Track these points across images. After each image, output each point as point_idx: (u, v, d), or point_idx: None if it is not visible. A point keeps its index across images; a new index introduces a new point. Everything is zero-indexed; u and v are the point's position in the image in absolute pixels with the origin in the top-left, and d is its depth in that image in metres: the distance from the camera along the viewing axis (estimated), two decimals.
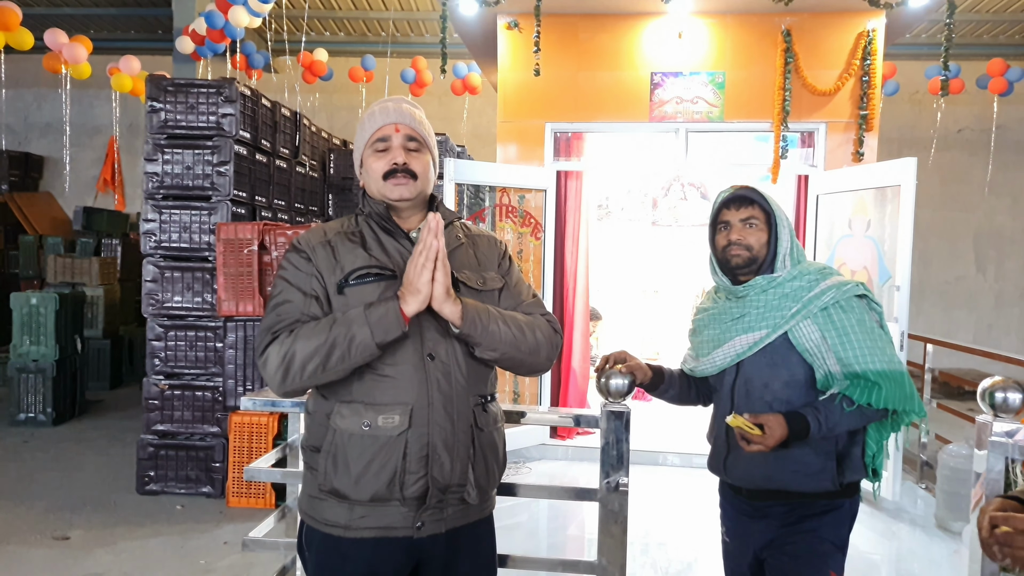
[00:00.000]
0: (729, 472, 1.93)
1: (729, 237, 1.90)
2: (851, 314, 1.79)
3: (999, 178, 9.43)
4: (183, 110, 4.58)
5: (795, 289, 1.83)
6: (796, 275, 1.85)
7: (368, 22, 9.69)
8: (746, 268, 1.89)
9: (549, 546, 4.13)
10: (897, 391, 1.74)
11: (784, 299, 1.83)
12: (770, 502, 1.87)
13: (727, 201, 1.92)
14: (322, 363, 1.50)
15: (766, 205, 1.88)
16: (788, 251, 1.87)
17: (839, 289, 1.80)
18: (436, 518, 1.60)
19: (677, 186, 8.39)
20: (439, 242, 1.49)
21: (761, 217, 1.88)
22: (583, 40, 5.66)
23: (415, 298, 1.50)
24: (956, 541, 4.03)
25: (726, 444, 1.93)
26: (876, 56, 5.42)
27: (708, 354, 1.95)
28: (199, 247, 4.57)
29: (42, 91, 10.65)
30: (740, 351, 1.87)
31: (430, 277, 1.50)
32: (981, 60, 8.31)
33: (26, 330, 6.15)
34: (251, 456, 4.30)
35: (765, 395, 1.84)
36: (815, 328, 1.79)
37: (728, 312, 1.92)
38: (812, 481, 1.81)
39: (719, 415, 1.97)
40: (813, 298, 1.80)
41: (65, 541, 3.89)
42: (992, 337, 9.63)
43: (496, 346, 1.59)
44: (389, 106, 1.70)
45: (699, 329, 2.03)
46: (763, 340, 1.83)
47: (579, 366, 5.77)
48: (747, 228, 1.88)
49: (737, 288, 1.90)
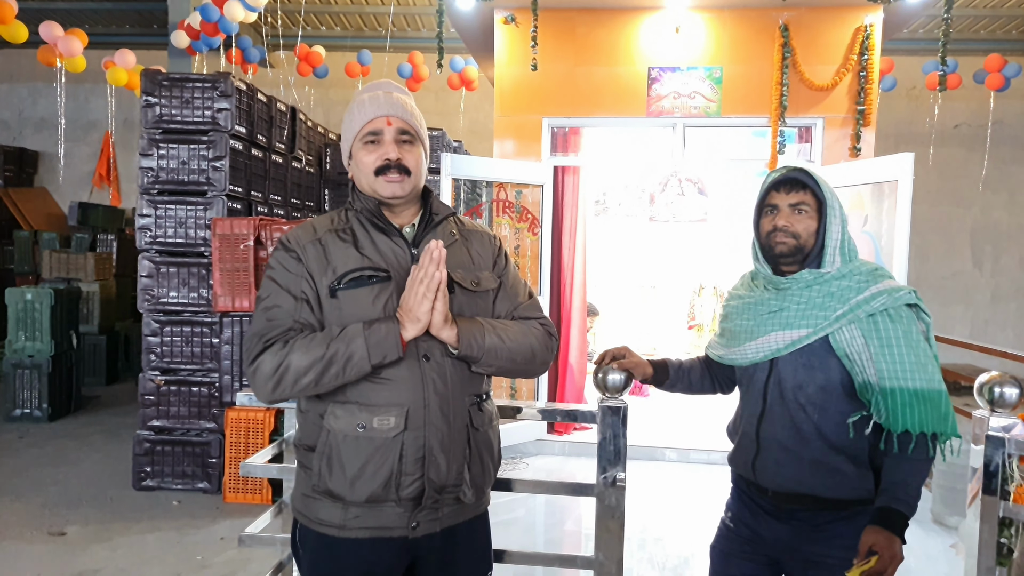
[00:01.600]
0: (758, 474, 1.81)
1: (775, 222, 1.76)
2: (899, 324, 1.66)
3: (996, 174, 9.44)
4: (178, 105, 4.56)
5: (842, 289, 1.70)
6: (846, 274, 1.72)
7: (364, 17, 9.66)
8: (790, 257, 1.76)
9: (546, 541, 4.13)
10: (932, 412, 1.62)
11: (829, 298, 1.70)
12: (797, 506, 1.77)
13: (777, 183, 1.77)
14: (316, 378, 1.48)
15: (819, 191, 1.74)
16: (839, 245, 1.73)
17: (890, 295, 1.67)
18: (431, 518, 1.59)
19: (674, 181, 8.39)
20: (440, 272, 1.47)
21: (812, 203, 1.74)
22: (580, 35, 5.64)
23: (414, 326, 1.50)
24: (952, 536, 4.04)
25: (755, 443, 1.81)
26: (873, 51, 5.41)
27: (739, 344, 1.83)
28: (195, 242, 4.55)
29: (37, 86, 10.60)
30: (776, 348, 1.75)
31: (430, 307, 1.49)
32: (978, 55, 8.32)
33: (21, 326, 6.13)
34: (247, 452, 4.30)
35: (799, 397, 1.73)
36: (858, 333, 1.67)
37: (765, 303, 1.79)
38: (845, 489, 1.72)
39: (747, 411, 1.86)
40: (862, 302, 1.68)
41: (61, 537, 3.88)
42: (988, 333, 9.65)
43: (492, 362, 1.59)
44: (380, 96, 1.64)
45: (731, 316, 1.91)
46: (802, 340, 1.71)
47: (576, 362, 5.76)
48: (796, 214, 1.74)
49: (779, 279, 1.77)
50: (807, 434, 1.73)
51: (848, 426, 1.70)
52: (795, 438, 1.74)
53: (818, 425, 1.72)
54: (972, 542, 2.04)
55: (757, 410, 1.81)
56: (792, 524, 1.79)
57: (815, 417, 1.72)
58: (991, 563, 2.02)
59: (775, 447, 1.77)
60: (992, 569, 2.03)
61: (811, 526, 1.76)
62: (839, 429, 1.71)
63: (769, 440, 1.78)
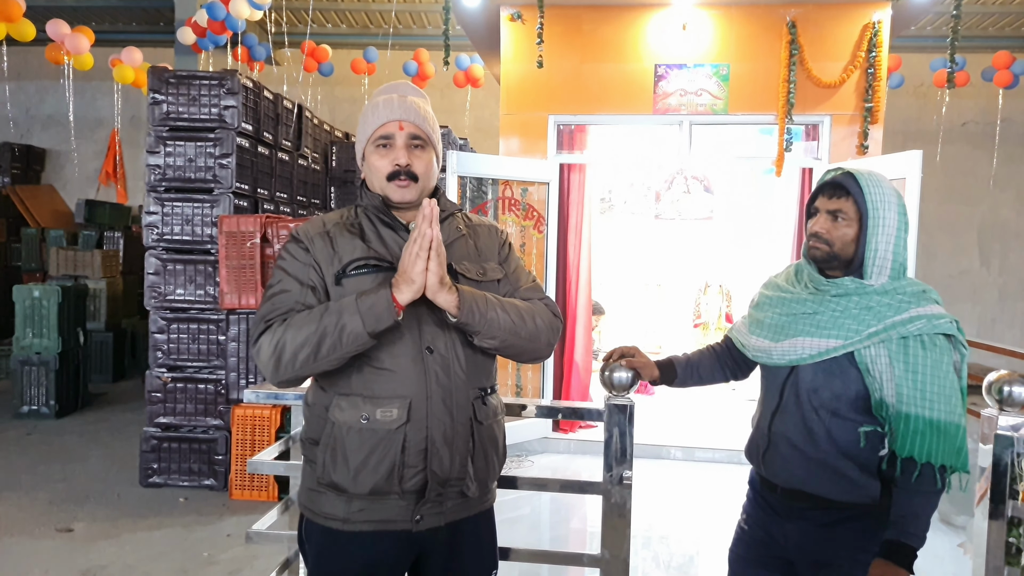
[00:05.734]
0: (767, 468, 1.82)
1: (813, 227, 1.75)
2: (930, 353, 1.62)
3: (1004, 172, 9.39)
4: (185, 102, 4.57)
5: (882, 305, 1.66)
6: (889, 290, 1.68)
7: (370, 14, 9.66)
8: (825, 263, 1.75)
9: (552, 539, 4.13)
10: (946, 445, 1.59)
11: (865, 312, 1.67)
12: (804, 504, 1.77)
13: (822, 186, 1.75)
14: (313, 352, 1.48)
15: (861, 199, 1.68)
16: (884, 258, 1.68)
17: (929, 321, 1.63)
18: (435, 511, 1.59)
19: (680, 179, 8.37)
20: (433, 230, 1.47)
21: (852, 212, 1.69)
22: (586, 32, 5.63)
23: (409, 287, 1.48)
24: (960, 535, 4.02)
25: (767, 437, 1.82)
26: (881, 48, 5.38)
27: (767, 339, 1.81)
28: (201, 240, 4.56)
29: (44, 84, 10.64)
30: (802, 355, 1.72)
31: (424, 267, 1.47)
32: (986, 53, 8.27)
33: (29, 323, 6.16)
34: (254, 449, 4.31)
35: (813, 400, 1.72)
36: (884, 352, 1.64)
37: (801, 303, 1.77)
38: (849, 494, 1.71)
39: (765, 404, 1.86)
40: (898, 323, 1.63)
41: (68, 533, 3.90)
42: (996, 331, 9.61)
43: (495, 333, 1.57)
44: (394, 99, 1.65)
45: (763, 305, 1.88)
46: (830, 352, 1.69)
47: (581, 359, 5.76)
48: (832, 221, 1.71)
49: (821, 278, 1.75)
50: (818, 436, 1.72)
51: (860, 434, 1.69)
52: (805, 438, 1.74)
53: (830, 429, 1.71)
54: (980, 541, 2.03)
55: (773, 405, 1.82)
56: (800, 524, 1.79)
57: (827, 421, 1.71)
58: (999, 563, 2.01)
59: (785, 443, 1.78)
60: (1000, 569, 2.02)
61: (818, 526, 1.76)
62: (850, 436, 1.70)
63: (780, 436, 1.78)
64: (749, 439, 1.94)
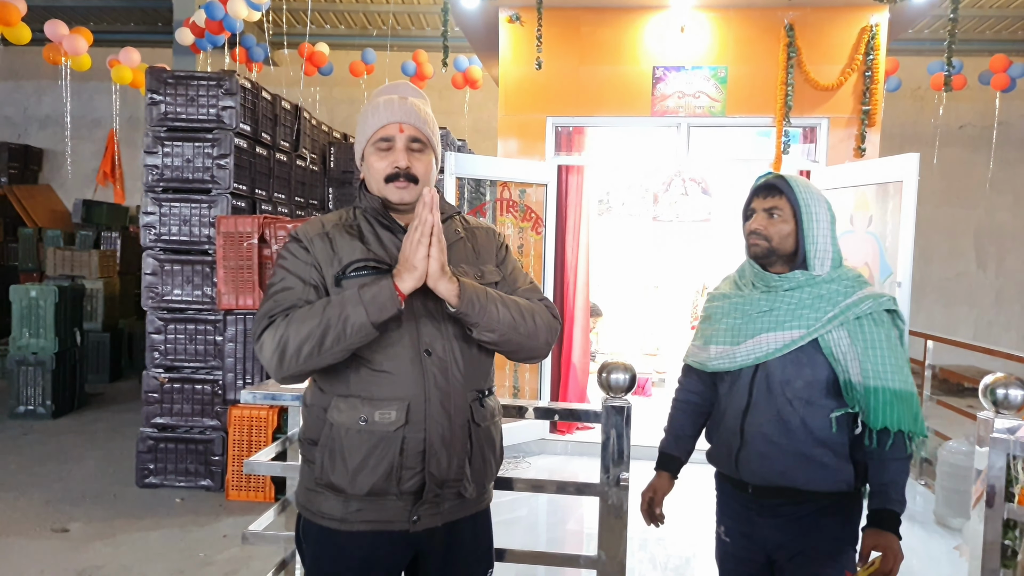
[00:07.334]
0: (741, 468, 1.84)
1: (751, 226, 1.86)
2: (881, 328, 1.75)
3: (1000, 175, 9.41)
4: (183, 103, 4.56)
5: (831, 292, 1.78)
6: (835, 278, 1.80)
7: (368, 15, 9.66)
8: (764, 259, 1.85)
9: (548, 540, 4.13)
10: (907, 412, 1.71)
11: (819, 300, 1.78)
12: (779, 500, 1.81)
13: (757, 189, 1.89)
14: (316, 346, 1.48)
15: (793, 197, 1.82)
16: (825, 250, 1.81)
17: (875, 301, 1.77)
18: (432, 512, 1.60)
19: (678, 181, 8.36)
20: (434, 216, 1.47)
21: (786, 208, 1.82)
22: (585, 34, 5.64)
23: (411, 275, 1.48)
24: (956, 537, 4.03)
25: (740, 437, 1.84)
26: (879, 51, 5.40)
27: (727, 344, 1.86)
28: (199, 240, 4.56)
29: (42, 83, 10.62)
30: (768, 350, 1.79)
31: (426, 253, 1.47)
32: (983, 56, 8.28)
33: (25, 323, 6.15)
34: (251, 449, 4.30)
35: (787, 391, 1.78)
36: (845, 335, 1.75)
37: (754, 303, 1.84)
38: (827, 482, 1.77)
39: (731, 407, 1.88)
40: (851, 305, 1.76)
41: (64, 533, 3.89)
42: (992, 334, 9.62)
43: (494, 327, 1.57)
44: (394, 101, 1.65)
45: (715, 317, 1.93)
46: (796, 342, 1.77)
47: (579, 361, 5.76)
48: (769, 218, 1.83)
49: (771, 276, 1.84)
50: (793, 427, 1.78)
51: (831, 420, 1.77)
52: (781, 431, 1.79)
53: (804, 418, 1.77)
54: (976, 544, 2.04)
55: (742, 405, 1.85)
56: (777, 520, 1.83)
57: (801, 411, 1.77)
58: (995, 565, 2.02)
59: (760, 440, 1.81)
60: (996, 571, 2.02)
61: (794, 520, 1.81)
62: (823, 423, 1.77)
63: (754, 433, 1.81)
64: (714, 444, 1.98)
